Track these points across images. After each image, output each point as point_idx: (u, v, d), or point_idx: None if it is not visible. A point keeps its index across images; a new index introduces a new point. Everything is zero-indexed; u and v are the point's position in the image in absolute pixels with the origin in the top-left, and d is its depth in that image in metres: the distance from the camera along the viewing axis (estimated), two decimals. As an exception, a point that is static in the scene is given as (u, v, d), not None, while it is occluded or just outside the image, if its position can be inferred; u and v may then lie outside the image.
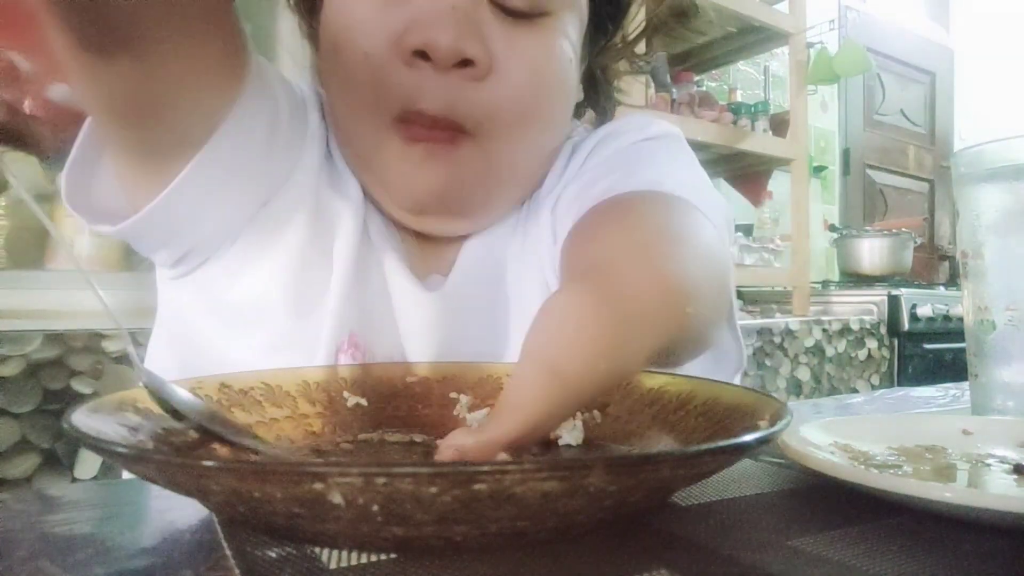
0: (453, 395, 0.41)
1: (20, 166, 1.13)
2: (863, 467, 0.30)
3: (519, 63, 0.44)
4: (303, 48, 0.55)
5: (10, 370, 0.91)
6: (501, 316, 0.52)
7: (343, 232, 0.49)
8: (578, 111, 0.59)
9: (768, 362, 1.89)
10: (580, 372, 0.23)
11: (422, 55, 0.42)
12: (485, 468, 0.19)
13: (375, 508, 0.19)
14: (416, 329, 0.50)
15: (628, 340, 0.26)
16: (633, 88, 1.72)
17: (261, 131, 0.44)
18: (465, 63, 0.42)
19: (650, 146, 0.53)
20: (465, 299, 0.52)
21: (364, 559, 0.22)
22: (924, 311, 2.22)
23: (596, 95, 0.57)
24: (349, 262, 0.48)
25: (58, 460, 0.95)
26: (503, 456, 0.24)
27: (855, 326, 2.13)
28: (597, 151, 0.54)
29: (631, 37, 0.55)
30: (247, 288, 0.48)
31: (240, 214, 0.46)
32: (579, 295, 0.26)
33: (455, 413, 0.39)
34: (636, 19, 0.54)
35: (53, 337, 0.95)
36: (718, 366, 0.48)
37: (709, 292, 0.35)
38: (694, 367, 0.39)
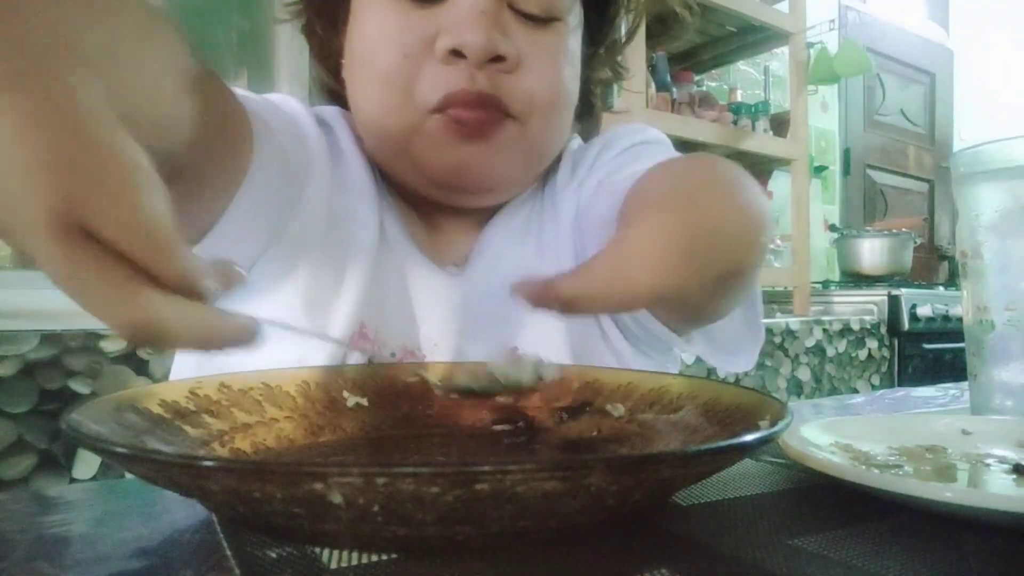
0: (454, 395, 0.41)
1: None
2: (863, 467, 0.30)
3: (541, 59, 0.50)
4: (300, 58, 0.56)
5: (6, 370, 0.91)
6: (516, 306, 0.54)
7: (359, 233, 0.52)
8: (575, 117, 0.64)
9: (768, 362, 1.89)
10: (645, 272, 0.27)
11: (457, 54, 0.47)
12: (486, 468, 0.19)
13: (376, 508, 0.19)
14: (435, 315, 0.53)
15: (707, 258, 0.30)
16: (633, 86, 1.72)
17: (275, 171, 0.45)
18: (496, 59, 0.47)
19: (652, 148, 0.60)
20: (483, 285, 0.55)
21: (364, 559, 0.22)
22: (924, 311, 2.22)
23: (586, 98, 0.61)
24: (366, 260, 0.51)
25: (55, 460, 0.95)
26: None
27: (855, 326, 2.13)
28: (605, 152, 0.59)
29: (617, 46, 0.60)
30: (267, 297, 0.49)
31: (265, 241, 0.48)
32: (669, 214, 0.30)
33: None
34: (621, 31, 0.59)
35: (50, 337, 0.95)
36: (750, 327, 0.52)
37: (767, 230, 0.40)
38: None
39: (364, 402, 0.40)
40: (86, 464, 0.97)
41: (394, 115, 0.50)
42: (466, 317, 0.54)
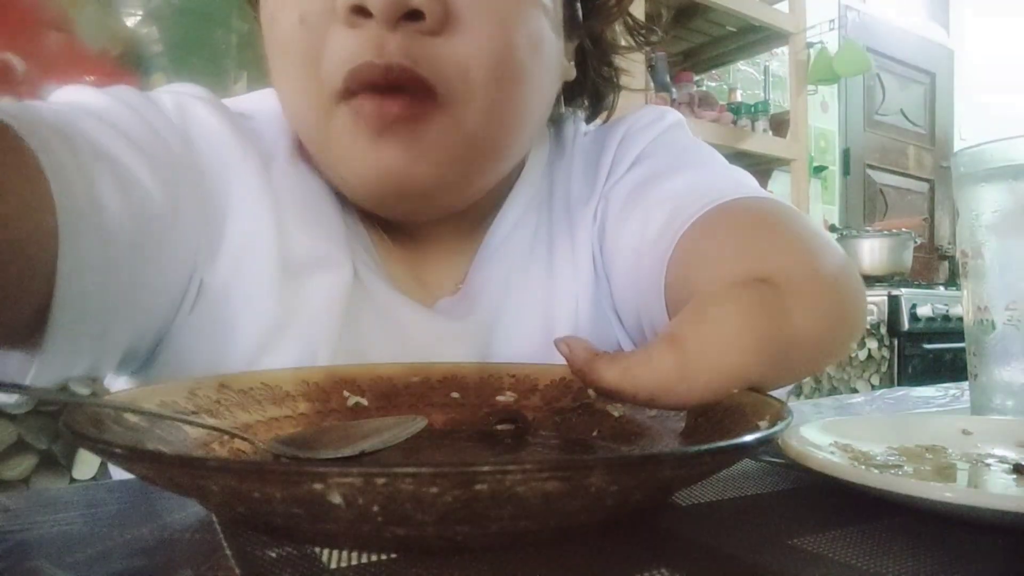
0: (454, 395, 0.41)
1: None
2: (863, 467, 0.30)
3: (484, 12, 0.38)
4: None
5: (9, 370, 0.91)
6: (524, 327, 0.48)
7: (326, 279, 0.43)
8: (572, 97, 0.54)
9: (768, 362, 1.89)
10: (708, 384, 0.23)
11: (361, 11, 0.36)
12: (486, 468, 0.19)
13: (375, 508, 0.19)
14: (425, 354, 0.44)
15: (796, 359, 0.25)
16: (633, 85, 1.72)
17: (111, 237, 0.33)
18: (413, 16, 0.36)
19: (674, 136, 0.51)
20: (480, 318, 0.47)
21: (364, 559, 0.22)
22: (924, 311, 2.22)
23: (588, 74, 0.52)
24: (337, 310, 0.42)
25: (56, 461, 0.95)
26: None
27: (855, 326, 2.12)
28: (623, 153, 0.50)
29: None
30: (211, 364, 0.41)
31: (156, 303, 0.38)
32: (750, 303, 0.25)
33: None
34: None
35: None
36: None
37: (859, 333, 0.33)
38: None
39: (364, 402, 0.40)
40: (86, 464, 0.97)
41: (301, 98, 0.40)
42: (467, 351, 0.45)
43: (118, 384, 0.45)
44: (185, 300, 0.40)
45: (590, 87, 0.53)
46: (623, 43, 0.52)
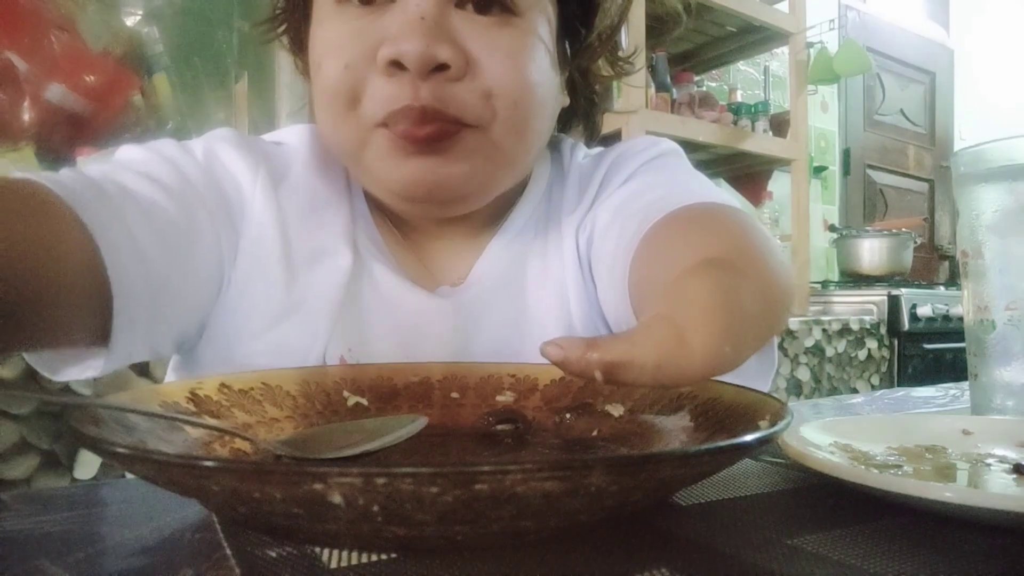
0: (454, 395, 0.41)
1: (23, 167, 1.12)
2: (863, 467, 0.30)
3: (497, 56, 0.46)
4: (299, 84, 0.55)
5: (9, 372, 0.91)
6: (516, 329, 0.53)
7: (327, 266, 0.50)
8: (567, 122, 0.61)
9: (768, 362, 1.89)
10: (705, 347, 0.25)
11: (398, 65, 0.44)
12: (486, 468, 0.19)
13: (375, 508, 0.19)
14: (427, 340, 0.51)
15: (751, 332, 0.27)
16: (633, 90, 1.72)
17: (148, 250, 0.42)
18: (440, 68, 0.44)
19: (664, 161, 0.57)
20: (478, 309, 0.53)
21: (364, 559, 0.22)
22: (924, 311, 2.22)
23: (579, 101, 0.59)
24: (338, 291, 0.50)
25: (58, 461, 0.95)
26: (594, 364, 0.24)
27: (855, 326, 2.12)
28: (614, 172, 0.56)
29: (605, 35, 0.55)
30: (240, 343, 0.49)
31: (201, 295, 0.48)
32: (714, 280, 0.28)
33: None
34: (609, 15, 0.54)
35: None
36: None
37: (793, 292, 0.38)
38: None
39: (364, 402, 0.40)
40: (87, 464, 0.97)
41: (343, 128, 0.47)
42: (460, 340, 0.51)
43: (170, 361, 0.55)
44: (220, 294, 0.50)
45: (581, 112, 0.61)
46: (605, 73, 0.60)
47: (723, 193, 0.50)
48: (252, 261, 0.50)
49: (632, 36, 1.67)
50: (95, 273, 0.37)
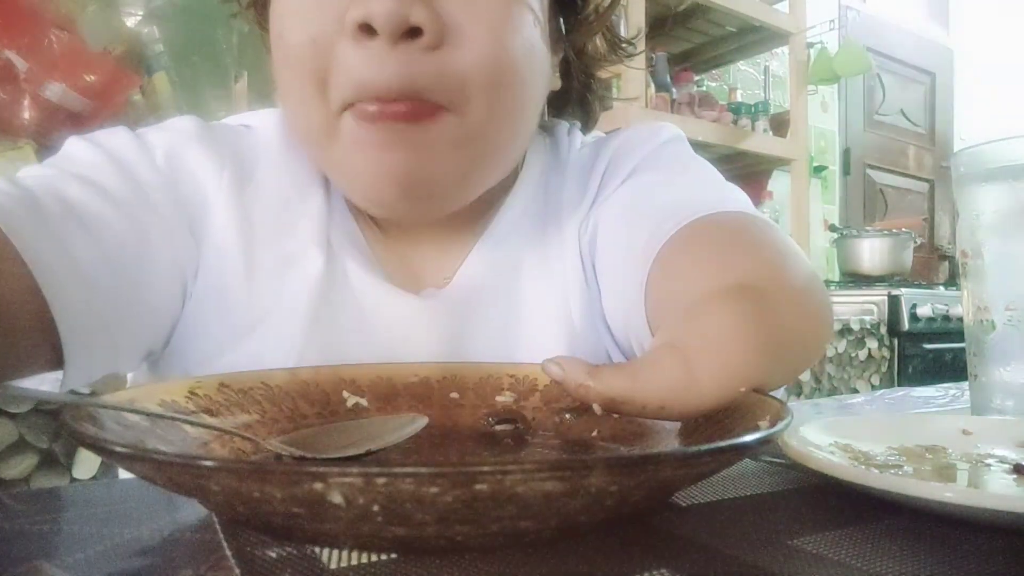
0: (454, 395, 0.41)
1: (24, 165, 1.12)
2: (863, 467, 0.30)
3: (478, 25, 0.41)
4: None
5: (9, 370, 0.91)
6: (509, 335, 0.50)
7: (295, 273, 0.47)
8: (560, 107, 0.57)
9: (768, 362, 1.89)
10: (716, 386, 0.23)
11: (367, 30, 0.39)
12: (486, 468, 0.19)
13: (375, 508, 0.19)
14: (411, 345, 0.47)
15: (779, 367, 0.26)
16: (632, 89, 1.72)
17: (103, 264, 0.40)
18: (414, 32, 0.39)
19: (668, 150, 0.53)
20: (468, 312, 0.49)
21: (364, 559, 0.22)
22: (924, 311, 2.22)
23: (572, 83, 0.54)
24: (305, 302, 0.46)
25: (56, 460, 0.95)
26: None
27: (855, 326, 2.12)
28: (616, 166, 0.52)
29: (602, 9, 0.50)
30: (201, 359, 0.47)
31: (158, 331, 0.46)
32: (740, 310, 0.25)
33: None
34: None
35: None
36: None
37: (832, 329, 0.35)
38: None
39: (364, 402, 0.40)
40: (86, 464, 0.97)
41: (310, 113, 0.42)
42: (447, 346, 0.47)
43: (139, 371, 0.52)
44: (183, 308, 0.47)
45: (575, 97, 0.56)
46: (604, 56, 0.55)
47: (740, 194, 0.47)
48: (213, 273, 0.47)
49: (632, 18, 1.67)
50: (36, 301, 0.35)
